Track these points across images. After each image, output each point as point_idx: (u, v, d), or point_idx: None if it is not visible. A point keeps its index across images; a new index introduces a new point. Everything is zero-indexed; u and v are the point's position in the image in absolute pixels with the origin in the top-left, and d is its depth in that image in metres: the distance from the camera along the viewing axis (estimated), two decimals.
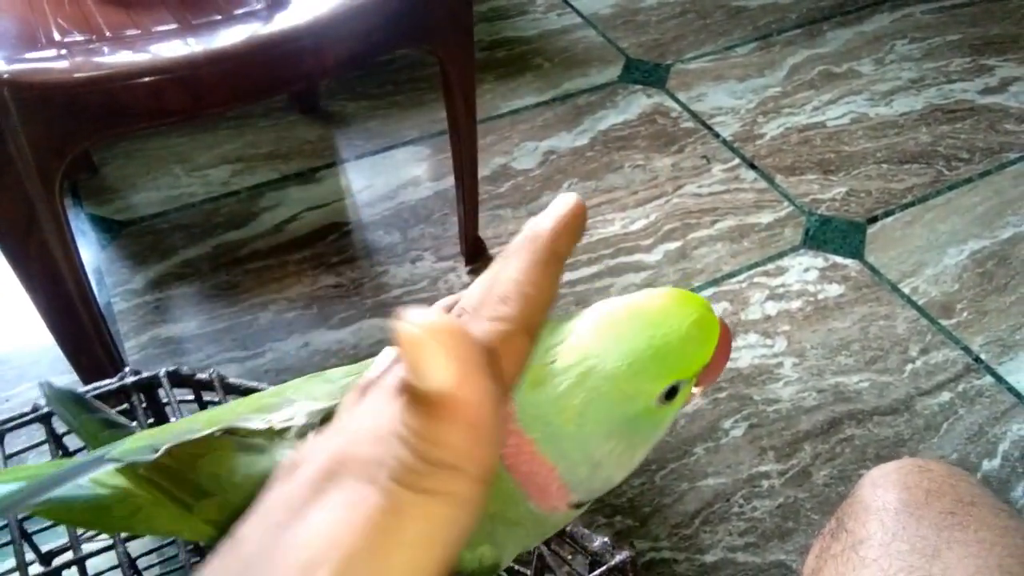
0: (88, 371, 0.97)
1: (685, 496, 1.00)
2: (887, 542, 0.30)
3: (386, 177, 1.37)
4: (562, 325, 0.28)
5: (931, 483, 0.34)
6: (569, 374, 0.26)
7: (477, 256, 1.25)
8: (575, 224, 0.23)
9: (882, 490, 0.33)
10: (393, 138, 1.44)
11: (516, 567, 0.41)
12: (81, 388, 0.44)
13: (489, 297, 0.21)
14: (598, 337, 0.26)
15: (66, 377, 1.06)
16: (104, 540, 0.46)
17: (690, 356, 0.27)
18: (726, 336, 0.28)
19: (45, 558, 0.48)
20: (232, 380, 0.44)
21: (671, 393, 0.27)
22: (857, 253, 1.27)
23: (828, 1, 1.78)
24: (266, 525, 0.18)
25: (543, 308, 0.21)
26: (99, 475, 0.30)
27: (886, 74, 1.60)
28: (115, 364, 0.98)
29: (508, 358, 0.20)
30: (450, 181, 1.31)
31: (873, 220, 1.32)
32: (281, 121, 1.46)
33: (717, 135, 1.47)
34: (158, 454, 0.28)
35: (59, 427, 0.46)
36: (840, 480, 1.01)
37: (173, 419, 0.44)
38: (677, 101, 1.53)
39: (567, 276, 1.23)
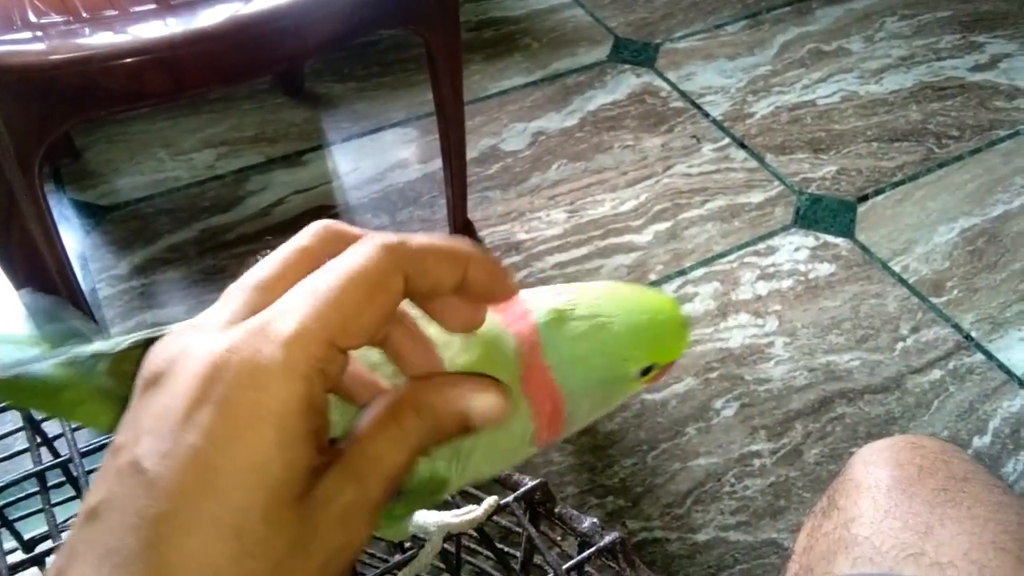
0: None
1: (677, 476, 1.00)
2: (879, 519, 0.30)
3: (374, 159, 1.36)
4: (576, 285, 0.31)
5: (923, 460, 0.33)
6: (584, 323, 0.29)
7: (467, 238, 1.24)
8: (435, 264, 0.23)
9: (874, 467, 0.33)
10: (380, 120, 1.43)
11: (505, 548, 0.41)
12: None
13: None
14: (612, 301, 0.30)
15: None
16: None
17: (671, 347, 0.31)
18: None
19: (27, 545, 0.47)
20: None
21: (646, 371, 0.30)
22: (848, 232, 1.27)
23: None
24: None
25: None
26: (57, 362, 0.30)
27: (876, 52, 1.59)
28: None
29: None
30: (438, 163, 1.30)
31: (864, 199, 1.32)
32: (266, 104, 1.44)
33: (707, 114, 1.46)
34: (120, 346, 0.29)
35: (37, 414, 0.45)
36: (831, 458, 1.01)
37: None
38: (666, 80, 1.52)
39: (557, 258, 1.23)
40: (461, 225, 1.24)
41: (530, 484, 0.38)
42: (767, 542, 0.94)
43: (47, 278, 0.87)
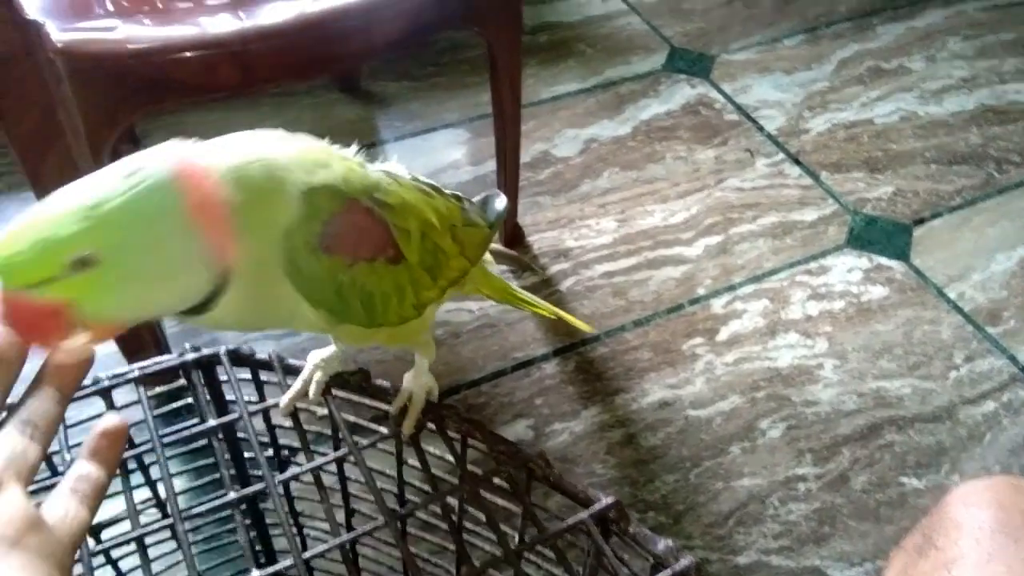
0: (128, 344, 0.97)
1: (720, 495, 0.99)
2: (983, 563, 0.29)
3: (425, 159, 1.36)
4: None
5: None
6: None
7: (515, 242, 1.24)
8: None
9: (976, 508, 0.32)
10: (433, 120, 1.43)
11: (574, 566, 0.40)
12: (142, 364, 0.44)
13: None
14: None
15: (104, 347, 1.07)
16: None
17: None
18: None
19: (94, 530, 0.48)
20: (291, 361, 0.43)
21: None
22: (903, 255, 1.25)
23: None
24: None
25: None
26: None
27: (937, 72, 1.56)
28: (156, 338, 0.98)
29: None
30: (489, 166, 1.30)
31: (920, 222, 1.29)
32: (322, 99, 1.46)
33: (761, 128, 1.44)
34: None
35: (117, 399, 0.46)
36: (879, 487, 0.99)
37: (230, 397, 0.43)
38: (721, 92, 1.50)
39: (605, 267, 1.22)
40: (510, 229, 1.23)
41: (605, 502, 0.38)
42: (810, 569, 0.93)
43: None
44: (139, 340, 0.96)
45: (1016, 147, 1.42)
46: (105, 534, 0.49)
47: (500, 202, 0.51)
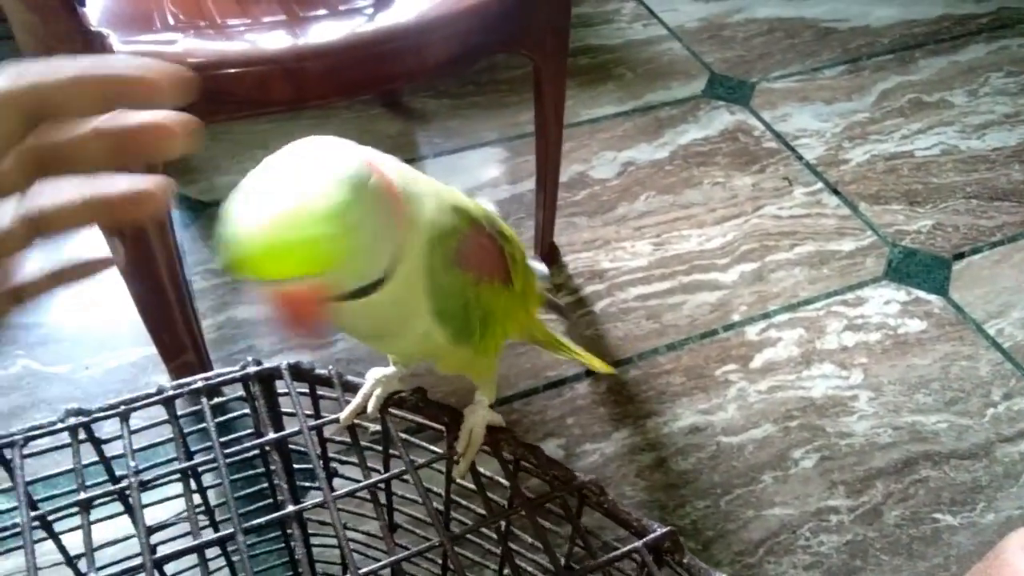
0: (168, 347, 0.99)
1: (750, 524, 0.98)
2: None
3: (463, 177, 1.38)
4: None
5: None
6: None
7: (551, 262, 1.25)
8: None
9: None
10: (472, 138, 1.45)
11: None
12: (206, 375, 0.45)
13: None
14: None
15: (144, 349, 1.09)
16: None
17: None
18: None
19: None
20: (350, 378, 0.44)
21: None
22: (941, 289, 1.24)
23: (922, 28, 1.74)
24: None
25: None
26: None
27: (979, 107, 1.55)
28: (195, 342, 1.00)
29: None
30: (527, 185, 1.32)
31: (960, 256, 1.28)
32: (363, 114, 1.48)
33: (800, 157, 1.44)
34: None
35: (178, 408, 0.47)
36: (912, 522, 0.98)
37: (289, 410, 0.44)
38: (760, 120, 1.51)
39: (640, 290, 1.22)
40: (547, 248, 1.24)
41: (659, 532, 0.38)
42: None
43: (154, 269, 0.90)
44: (179, 343, 0.98)
45: None
46: (155, 537, 0.50)
47: (541, 268, 0.54)
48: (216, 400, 0.46)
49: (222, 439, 0.46)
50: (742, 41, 1.68)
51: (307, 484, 0.48)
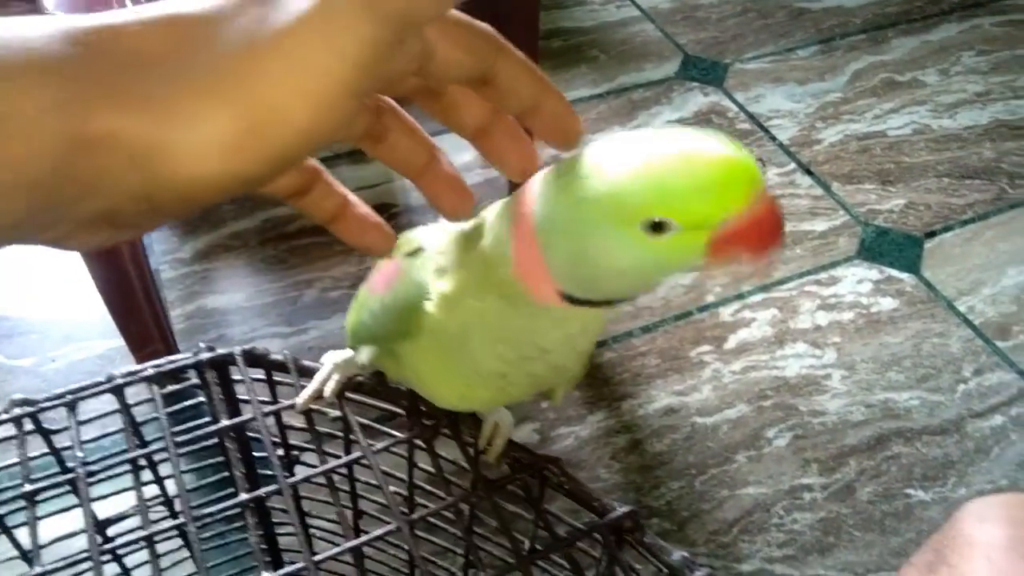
0: (135, 338, 0.97)
1: (724, 503, 0.98)
2: None
3: None
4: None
5: None
6: (578, 174, 0.27)
7: None
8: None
9: (989, 525, 0.32)
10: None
11: (586, 574, 0.40)
12: (156, 362, 0.44)
13: None
14: (613, 154, 0.27)
15: (112, 341, 1.07)
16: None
17: (691, 199, 0.26)
18: (769, 211, 0.26)
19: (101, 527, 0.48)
20: (306, 363, 0.43)
21: (658, 228, 0.26)
22: (913, 267, 1.24)
23: (894, 8, 1.74)
24: None
25: None
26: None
27: (951, 86, 1.56)
28: (162, 333, 0.98)
29: None
30: None
31: (931, 235, 1.29)
32: None
33: (774, 138, 1.44)
34: None
35: (130, 398, 0.46)
36: (884, 498, 0.99)
37: (242, 396, 0.44)
38: (734, 101, 1.50)
39: None
40: None
41: (620, 511, 0.38)
42: None
43: (118, 258, 0.88)
44: (146, 333, 0.97)
45: None
46: (112, 530, 0.49)
47: None
48: (171, 388, 0.45)
49: (181, 427, 0.45)
50: (715, 22, 1.68)
51: (270, 472, 0.47)
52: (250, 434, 0.47)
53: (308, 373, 0.43)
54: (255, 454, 0.50)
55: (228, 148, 0.19)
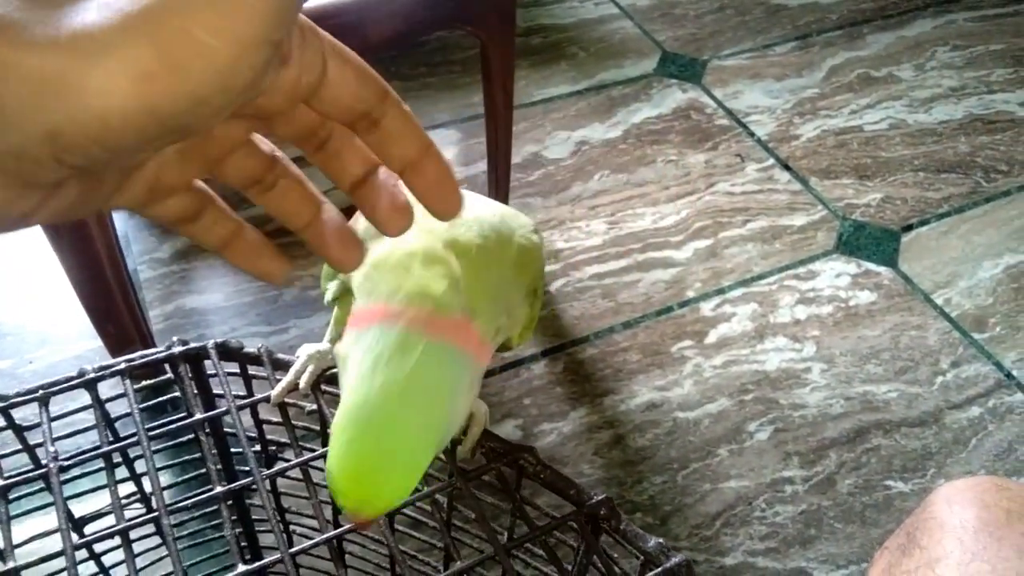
0: (114, 339, 0.96)
1: (707, 497, 0.99)
2: (966, 561, 0.29)
3: None
4: None
5: (1011, 503, 0.33)
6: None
7: None
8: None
9: (959, 507, 0.32)
10: (424, 120, 1.43)
11: (564, 564, 0.40)
12: (129, 356, 0.43)
13: None
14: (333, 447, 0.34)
15: (90, 342, 1.06)
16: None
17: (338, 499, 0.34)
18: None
19: (77, 524, 0.48)
20: (280, 355, 0.43)
21: None
22: (890, 261, 1.25)
23: (869, 3, 1.75)
24: None
25: None
26: None
27: (926, 81, 1.57)
28: (141, 333, 0.97)
29: None
30: (480, 167, 1.30)
31: (908, 228, 1.30)
32: None
33: (752, 134, 1.45)
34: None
35: (103, 392, 0.45)
36: (864, 490, 1.00)
37: (218, 391, 0.43)
38: (712, 97, 1.51)
39: (595, 268, 1.22)
40: None
41: (596, 499, 0.38)
42: (796, 570, 0.93)
43: (94, 257, 0.87)
44: (125, 334, 0.96)
45: (1003, 156, 1.43)
46: (88, 528, 0.49)
47: None
48: (145, 383, 0.45)
49: (158, 422, 0.44)
50: (693, 19, 1.69)
51: (247, 468, 0.46)
52: (227, 430, 0.47)
53: (283, 367, 0.43)
54: (233, 450, 0.49)
55: (140, 77, 0.18)
